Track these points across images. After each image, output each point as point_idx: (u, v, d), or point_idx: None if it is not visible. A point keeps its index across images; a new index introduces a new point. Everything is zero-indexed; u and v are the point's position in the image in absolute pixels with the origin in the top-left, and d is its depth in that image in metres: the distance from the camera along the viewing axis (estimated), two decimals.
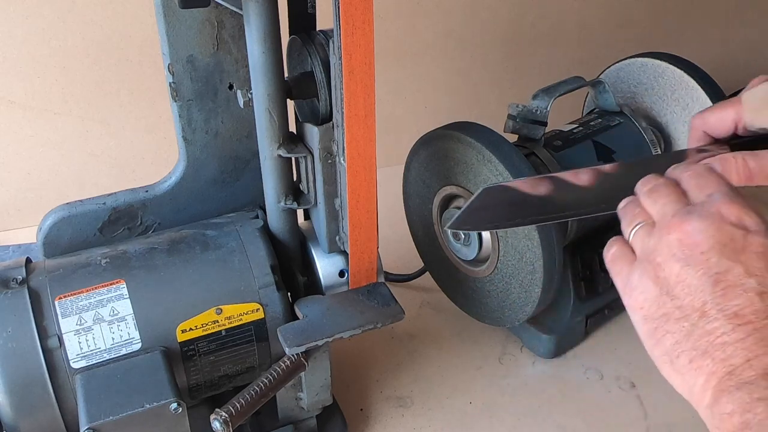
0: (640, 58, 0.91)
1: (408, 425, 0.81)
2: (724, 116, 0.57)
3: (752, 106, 0.56)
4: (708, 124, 0.58)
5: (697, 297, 0.43)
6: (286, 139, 0.65)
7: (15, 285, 0.62)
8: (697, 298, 0.43)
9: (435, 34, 1.21)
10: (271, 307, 0.66)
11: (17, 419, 0.60)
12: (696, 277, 0.43)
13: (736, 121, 0.57)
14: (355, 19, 0.54)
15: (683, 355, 0.43)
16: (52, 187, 1.11)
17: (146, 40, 1.05)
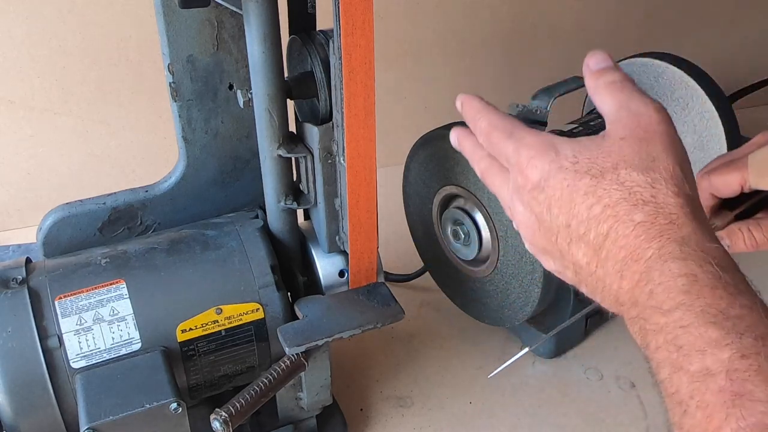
0: (640, 58, 0.91)
1: (408, 425, 0.81)
2: (730, 179, 0.59)
3: (757, 169, 0.57)
4: (714, 187, 0.60)
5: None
6: (286, 139, 0.65)
7: (15, 285, 0.62)
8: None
9: (435, 34, 1.21)
10: (271, 307, 0.66)
11: (17, 419, 0.60)
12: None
13: (742, 183, 0.58)
14: (355, 19, 0.54)
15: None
16: (52, 187, 1.11)
17: (146, 40, 1.05)
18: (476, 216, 0.78)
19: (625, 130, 0.46)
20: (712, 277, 0.39)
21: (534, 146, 0.48)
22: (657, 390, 0.67)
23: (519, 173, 0.48)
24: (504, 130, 0.50)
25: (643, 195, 0.43)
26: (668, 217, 0.42)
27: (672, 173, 0.44)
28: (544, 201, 0.46)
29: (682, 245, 0.40)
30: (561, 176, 0.45)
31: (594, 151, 0.46)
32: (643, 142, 0.45)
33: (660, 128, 0.46)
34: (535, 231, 0.48)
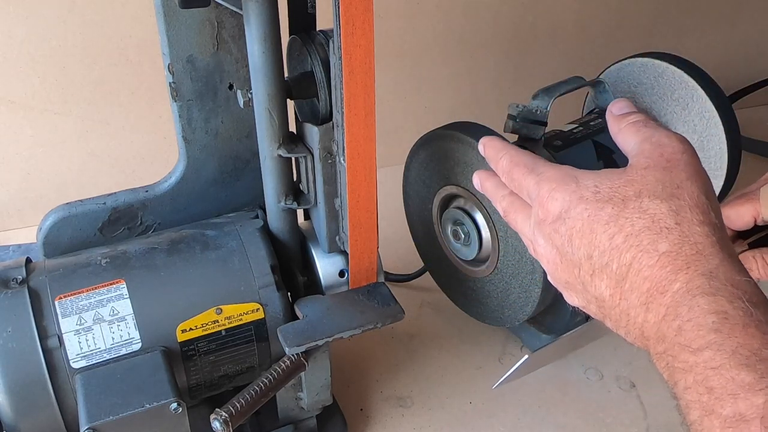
0: (640, 58, 0.91)
1: (408, 425, 0.81)
2: (743, 212, 0.59)
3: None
4: (728, 220, 0.60)
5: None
6: (286, 139, 0.65)
7: (15, 285, 0.62)
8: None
9: (435, 34, 1.21)
10: (271, 307, 0.66)
11: (17, 419, 0.60)
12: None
13: (755, 215, 0.59)
14: (355, 19, 0.54)
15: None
16: (52, 187, 1.11)
17: (146, 40, 1.05)
18: (476, 216, 0.78)
19: (648, 160, 0.45)
20: (744, 314, 0.37)
21: (555, 179, 0.47)
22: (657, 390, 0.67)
23: (540, 206, 0.47)
24: (526, 165, 0.50)
25: (667, 223, 0.41)
26: (694, 247, 0.40)
27: (697, 201, 0.42)
28: (565, 233, 0.45)
29: (711, 279, 0.39)
30: (582, 206, 0.44)
31: (616, 181, 0.44)
32: (667, 171, 0.44)
33: (684, 157, 0.45)
34: (557, 265, 0.47)
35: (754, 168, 1.17)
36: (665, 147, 0.45)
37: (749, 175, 0.78)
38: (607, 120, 0.51)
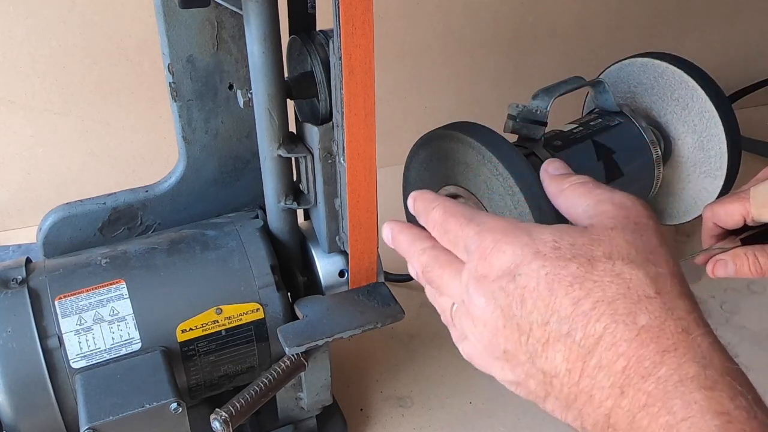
0: (640, 58, 0.91)
1: (408, 425, 0.81)
2: (732, 210, 0.59)
3: (759, 201, 0.58)
4: (717, 217, 0.61)
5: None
6: (286, 139, 0.65)
7: (15, 285, 0.62)
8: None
9: (435, 34, 1.21)
10: (271, 307, 0.66)
11: (17, 419, 0.60)
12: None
13: (744, 215, 0.59)
14: (355, 19, 0.54)
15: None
16: (52, 187, 1.11)
17: (146, 40, 1.05)
18: None
19: (613, 221, 0.40)
20: (747, 416, 0.32)
21: (501, 229, 0.40)
22: None
23: (481, 260, 0.40)
24: (464, 215, 0.43)
25: (646, 292, 0.36)
26: (679, 324, 0.35)
27: (674, 270, 0.38)
28: (514, 291, 0.38)
29: (705, 367, 0.34)
30: (538, 263, 0.37)
31: (578, 238, 0.38)
32: (637, 234, 0.39)
33: (650, 222, 0.41)
34: (497, 330, 0.39)
35: (754, 168, 1.16)
36: (630, 209, 0.41)
37: (749, 175, 0.78)
38: (542, 179, 0.46)
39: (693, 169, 0.89)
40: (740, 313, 0.95)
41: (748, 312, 0.95)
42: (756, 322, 0.94)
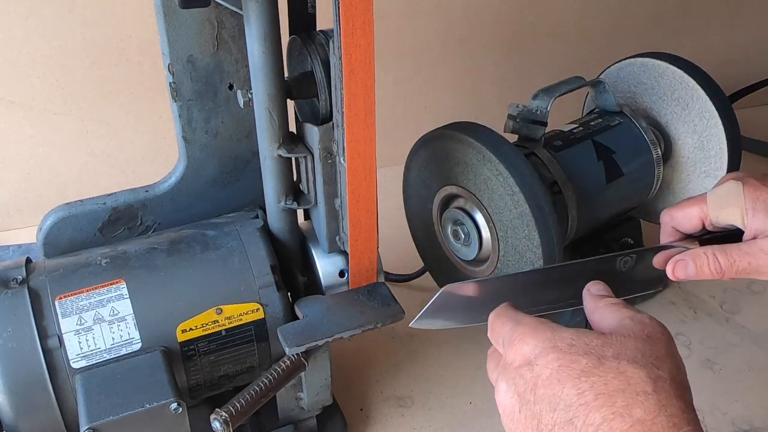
0: (640, 58, 0.91)
1: (408, 425, 0.81)
2: (690, 214, 0.60)
3: (716, 204, 0.59)
4: (676, 221, 0.61)
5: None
6: (286, 139, 0.65)
7: (15, 285, 0.62)
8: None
9: (435, 34, 1.21)
10: (271, 307, 0.66)
11: (17, 419, 0.60)
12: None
13: (702, 218, 0.59)
14: (355, 19, 0.54)
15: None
16: (52, 187, 1.11)
17: (146, 40, 1.05)
18: (476, 216, 0.78)
19: (629, 331, 0.44)
20: None
21: (530, 325, 0.46)
22: None
23: (510, 349, 0.45)
24: (506, 315, 0.49)
25: (644, 388, 0.39)
26: (671, 420, 0.38)
27: (675, 376, 0.41)
28: (530, 379, 0.43)
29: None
30: (554, 355, 0.42)
31: (594, 340, 0.43)
32: (648, 343, 0.43)
33: (663, 337, 0.45)
34: (515, 413, 0.44)
35: (754, 168, 1.16)
36: (646, 325, 0.45)
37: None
38: (584, 298, 0.51)
39: (693, 169, 0.89)
40: (740, 313, 0.95)
41: (748, 312, 0.95)
42: (756, 322, 0.94)
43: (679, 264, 0.58)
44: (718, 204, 0.58)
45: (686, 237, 0.61)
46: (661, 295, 0.97)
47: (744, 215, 0.57)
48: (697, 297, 0.98)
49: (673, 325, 0.92)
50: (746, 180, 0.58)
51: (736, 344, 0.90)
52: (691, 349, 0.89)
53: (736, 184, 0.58)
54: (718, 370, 0.87)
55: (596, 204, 0.84)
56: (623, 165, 0.85)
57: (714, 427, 0.80)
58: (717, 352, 0.89)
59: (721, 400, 0.82)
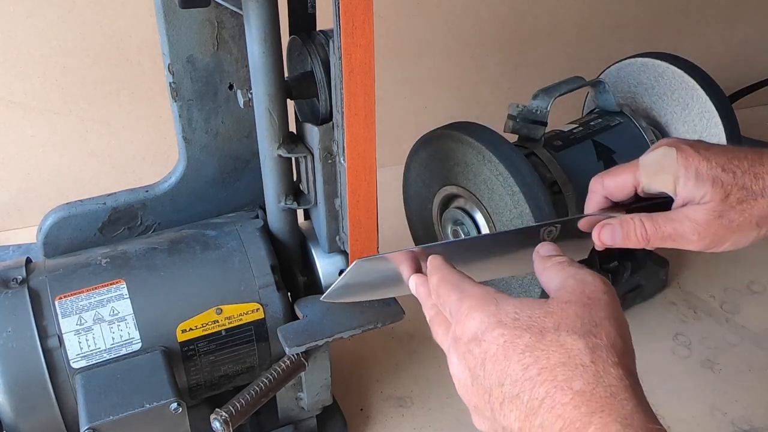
0: (640, 58, 0.91)
1: (408, 425, 0.81)
2: (623, 181, 0.59)
3: (648, 171, 0.58)
4: (608, 189, 0.60)
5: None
6: (286, 139, 0.65)
7: (15, 285, 0.62)
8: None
9: (435, 34, 1.21)
10: (271, 307, 0.66)
11: (17, 419, 0.60)
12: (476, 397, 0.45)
13: (635, 185, 0.59)
14: (355, 19, 0.54)
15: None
16: (52, 187, 1.11)
17: (146, 40, 1.05)
18: (476, 216, 0.78)
19: (571, 295, 0.45)
20: None
21: (476, 297, 0.46)
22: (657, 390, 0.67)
23: (458, 324, 0.46)
24: (452, 283, 0.49)
25: (582, 360, 0.41)
26: (608, 389, 0.40)
27: (613, 342, 0.43)
28: (479, 355, 0.44)
29: (626, 426, 0.39)
30: (499, 331, 0.43)
31: (536, 311, 0.44)
32: (587, 308, 0.44)
33: (604, 297, 0.45)
34: (468, 386, 0.45)
35: None
36: (588, 285, 0.46)
37: None
38: (534, 260, 0.52)
39: None
40: (740, 313, 0.95)
41: (748, 312, 0.95)
42: (756, 322, 0.94)
43: (606, 228, 0.58)
44: (651, 170, 0.57)
45: (614, 206, 0.60)
46: (661, 295, 0.97)
47: (676, 182, 0.56)
48: (697, 297, 0.98)
49: (673, 325, 0.92)
50: (680, 146, 0.57)
51: (736, 344, 0.90)
52: (691, 349, 0.89)
53: (670, 151, 0.57)
54: (718, 370, 0.87)
55: None
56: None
57: (714, 427, 0.80)
58: (717, 352, 0.89)
59: (721, 400, 0.82)
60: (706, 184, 0.55)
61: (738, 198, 0.55)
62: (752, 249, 1.08)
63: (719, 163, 0.55)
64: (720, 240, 0.56)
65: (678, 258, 1.04)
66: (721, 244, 0.56)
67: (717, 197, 0.54)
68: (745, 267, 1.03)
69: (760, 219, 0.55)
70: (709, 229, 0.55)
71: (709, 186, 0.55)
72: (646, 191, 0.59)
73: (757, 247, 1.12)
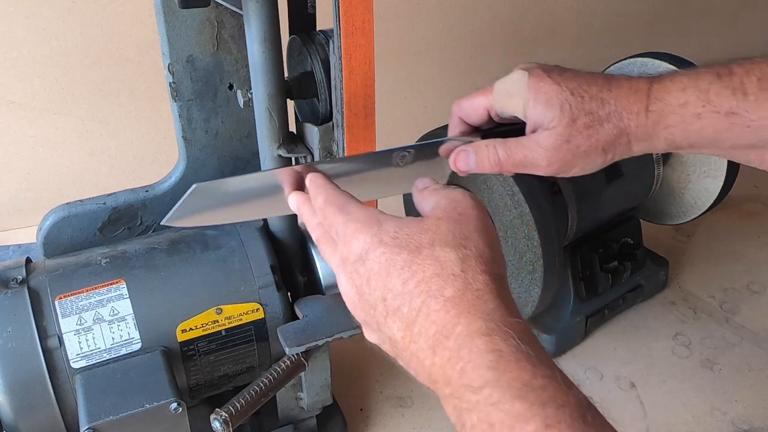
0: (640, 58, 0.91)
1: (408, 425, 0.81)
2: (477, 104, 0.59)
3: (501, 94, 0.58)
4: (463, 111, 0.60)
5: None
6: (286, 139, 0.65)
7: (15, 285, 0.62)
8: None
9: (435, 34, 1.21)
10: (271, 307, 0.66)
11: (17, 419, 0.60)
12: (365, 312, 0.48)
13: (489, 109, 0.59)
14: (355, 19, 0.54)
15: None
16: (52, 187, 1.11)
17: (146, 40, 1.05)
18: None
19: (443, 212, 0.48)
20: (516, 351, 0.40)
21: (360, 220, 0.48)
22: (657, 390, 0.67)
23: (344, 245, 0.48)
24: (337, 204, 0.51)
25: (454, 270, 0.44)
26: (476, 293, 0.43)
27: (481, 252, 0.45)
28: (364, 274, 0.46)
29: (487, 321, 0.42)
30: (381, 250, 0.46)
31: (413, 227, 0.46)
32: (458, 223, 0.47)
33: (473, 212, 0.48)
34: (356, 303, 0.48)
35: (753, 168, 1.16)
36: (459, 202, 0.48)
37: (749, 175, 0.79)
38: (413, 194, 0.54)
39: (693, 169, 0.89)
40: (740, 313, 0.95)
41: (748, 312, 0.95)
42: (756, 322, 0.94)
43: (461, 155, 0.59)
44: (503, 94, 0.58)
45: (474, 130, 0.61)
46: (661, 295, 0.97)
47: (526, 106, 0.56)
48: (697, 297, 0.98)
49: (673, 325, 0.92)
50: (533, 71, 0.57)
51: (736, 344, 0.90)
52: (691, 349, 0.89)
53: (522, 74, 0.57)
54: (718, 370, 0.87)
55: (596, 204, 0.84)
56: (623, 165, 0.85)
57: (714, 427, 0.80)
58: (717, 352, 0.89)
59: (721, 400, 0.82)
60: (554, 109, 0.55)
61: (585, 123, 0.55)
62: (752, 249, 1.08)
63: (569, 87, 0.56)
64: (568, 165, 0.56)
65: (678, 258, 1.04)
66: (570, 169, 0.57)
67: (564, 121, 0.55)
68: (745, 267, 1.03)
69: (606, 144, 0.56)
70: (558, 154, 0.56)
71: (557, 110, 0.55)
72: (500, 115, 0.59)
73: (757, 247, 1.12)
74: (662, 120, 0.55)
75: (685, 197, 0.91)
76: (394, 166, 0.57)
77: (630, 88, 0.56)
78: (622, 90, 0.56)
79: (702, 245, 1.08)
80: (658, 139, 0.55)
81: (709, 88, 0.54)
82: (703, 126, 0.54)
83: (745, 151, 0.56)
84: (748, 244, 1.08)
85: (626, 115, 0.55)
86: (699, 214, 0.91)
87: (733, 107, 0.53)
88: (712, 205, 0.90)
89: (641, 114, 0.55)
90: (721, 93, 0.54)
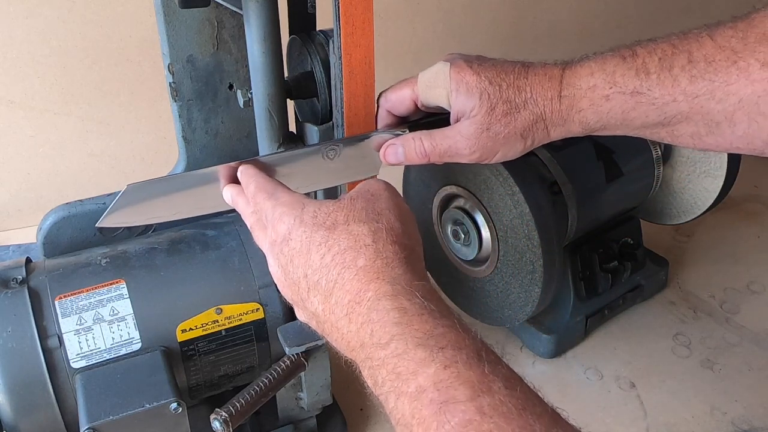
0: None
1: None
2: (403, 95, 0.61)
3: (424, 85, 0.59)
4: (390, 103, 0.61)
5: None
6: (286, 139, 0.65)
7: (15, 285, 0.62)
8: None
9: (435, 34, 1.21)
10: (271, 306, 0.66)
11: (17, 419, 0.60)
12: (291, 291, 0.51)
13: (414, 99, 0.60)
14: (355, 19, 0.54)
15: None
16: (52, 187, 1.11)
17: (146, 40, 1.05)
18: (476, 216, 0.78)
19: (357, 193, 0.51)
20: (419, 307, 0.43)
21: (287, 204, 0.51)
22: (657, 390, 0.67)
23: (272, 228, 0.51)
24: (267, 191, 0.53)
25: (366, 241, 0.47)
26: (384, 261, 0.46)
27: (392, 225, 0.49)
28: (287, 253, 0.49)
29: (394, 284, 0.45)
30: (302, 229, 0.48)
31: (331, 208, 0.49)
32: (370, 201, 0.50)
33: (385, 193, 0.51)
34: (283, 283, 0.50)
35: (753, 168, 1.16)
36: (371, 185, 0.52)
37: (749, 175, 0.79)
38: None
39: (693, 168, 0.89)
40: (740, 313, 0.95)
41: (748, 312, 0.95)
42: (756, 322, 0.94)
43: (390, 149, 0.60)
44: (427, 84, 0.59)
45: (402, 121, 0.62)
46: (661, 295, 0.97)
47: (449, 96, 0.58)
48: (697, 297, 0.98)
49: (673, 325, 0.92)
50: (455, 61, 0.59)
51: (736, 344, 0.90)
52: (691, 349, 0.89)
53: (444, 65, 0.59)
54: (718, 370, 0.87)
55: (596, 204, 0.84)
56: (623, 165, 0.85)
57: (714, 427, 0.80)
58: (717, 352, 0.89)
59: (721, 400, 0.82)
60: (474, 98, 0.57)
61: (503, 111, 0.57)
62: (752, 249, 1.08)
63: (488, 76, 0.59)
64: (490, 152, 0.58)
65: (678, 258, 1.04)
66: (492, 156, 0.59)
67: (483, 110, 0.57)
68: (745, 267, 1.03)
69: (524, 130, 0.58)
70: (479, 142, 0.58)
71: (477, 99, 0.57)
72: (424, 105, 0.60)
73: (757, 248, 1.12)
74: (575, 104, 0.57)
75: (685, 197, 0.91)
76: (324, 160, 0.59)
77: (545, 75, 0.60)
78: (537, 77, 0.60)
79: (702, 245, 1.08)
80: (573, 123, 0.58)
81: (614, 71, 0.57)
82: (611, 107, 0.56)
83: (656, 130, 0.57)
84: (748, 244, 1.08)
85: (541, 101, 0.58)
86: (699, 214, 0.91)
87: (637, 87, 0.55)
88: (712, 205, 0.90)
89: (555, 99, 0.58)
90: (625, 74, 0.56)
